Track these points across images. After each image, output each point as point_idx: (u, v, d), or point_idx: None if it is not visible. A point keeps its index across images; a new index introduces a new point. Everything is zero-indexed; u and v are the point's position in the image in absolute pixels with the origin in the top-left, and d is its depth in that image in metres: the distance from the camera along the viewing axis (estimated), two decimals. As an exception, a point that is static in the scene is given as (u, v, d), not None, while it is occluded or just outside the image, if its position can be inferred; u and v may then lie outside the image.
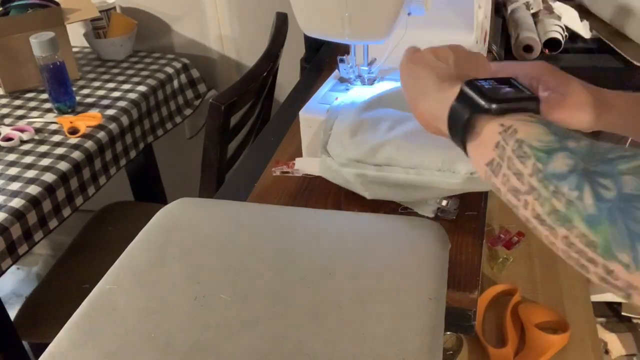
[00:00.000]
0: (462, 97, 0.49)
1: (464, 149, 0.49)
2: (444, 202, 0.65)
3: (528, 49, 1.17)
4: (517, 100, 0.46)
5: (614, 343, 1.41)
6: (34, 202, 1.10)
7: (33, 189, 1.11)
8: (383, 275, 0.51)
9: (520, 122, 0.44)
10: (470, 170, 0.58)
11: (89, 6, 1.52)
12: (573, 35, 1.25)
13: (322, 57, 1.09)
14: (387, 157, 0.62)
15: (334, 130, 0.66)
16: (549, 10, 1.28)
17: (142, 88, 1.48)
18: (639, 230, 0.35)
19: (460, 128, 0.48)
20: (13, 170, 1.16)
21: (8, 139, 1.25)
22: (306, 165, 0.71)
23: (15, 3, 1.45)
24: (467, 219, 0.65)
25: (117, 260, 0.55)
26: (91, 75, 1.56)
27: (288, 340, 0.45)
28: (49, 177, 1.14)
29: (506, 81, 0.50)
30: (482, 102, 0.46)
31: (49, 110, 1.38)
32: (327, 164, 0.65)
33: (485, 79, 0.49)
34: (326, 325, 0.46)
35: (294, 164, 0.72)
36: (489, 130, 0.45)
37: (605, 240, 0.36)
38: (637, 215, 0.35)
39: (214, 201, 0.65)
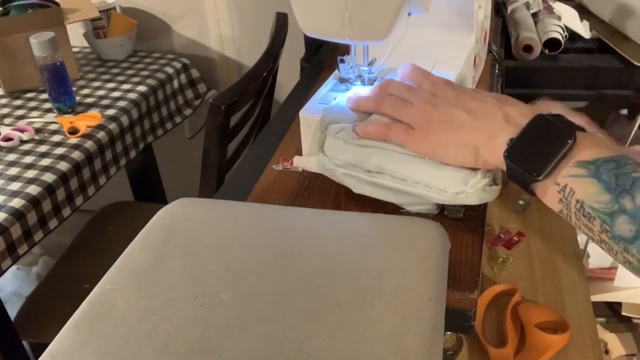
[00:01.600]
0: (510, 169, 0.52)
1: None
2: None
3: (528, 49, 1.17)
4: (557, 151, 0.48)
5: (614, 343, 1.41)
6: (34, 202, 1.10)
7: (33, 189, 1.11)
8: (383, 275, 0.51)
9: (572, 179, 0.47)
10: (456, 190, 0.58)
11: (89, 6, 1.52)
12: (573, 35, 1.25)
13: (322, 57, 1.08)
14: (377, 165, 0.62)
15: (329, 131, 0.66)
16: (549, 10, 1.28)
17: (142, 88, 1.48)
18: None
19: (525, 190, 0.52)
20: (13, 170, 1.16)
21: (8, 139, 1.25)
22: (304, 162, 0.71)
23: (15, 3, 1.45)
24: (467, 219, 0.65)
25: (117, 260, 0.55)
26: (91, 75, 1.56)
27: (288, 340, 0.45)
28: (49, 177, 1.14)
29: (538, 126, 0.51)
30: (529, 175, 0.50)
31: (49, 110, 1.38)
32: (324, 163, 0.66)
33: (518, 136, 0.51)
34: (326, 325, 0.47)
35: (292, 161, 0.72)
36: (549, 190, 0.50)
37: None
38: None
39: (214, 201, 0.65)
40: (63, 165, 1.18)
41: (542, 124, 0.51)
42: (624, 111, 1.54)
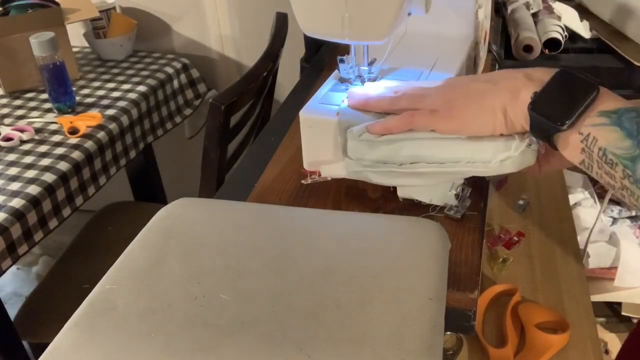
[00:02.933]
0: (534, 120, 0.53)
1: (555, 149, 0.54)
2: (459, 189, 0.65)
3: (528, 49, 1.17)
4: (581, 102, 0.50)
5: (614, 343, 1.41)
6: (34, 202, 1.10)
7: (33, 189, 1.11)
8: (383, 275, 0.51)
9: (595, 128, 0.49)
10: (501, 158, 0.58)
11: (89, 6, 1.52)
12: (573, 35, 1.25)
13: (322, 57, 1.08)
14: (410, 156, 0.61)
15: (349, 134, 0.65)
16: (549, 10, 1.28)
17: (142, 88, 1.48)
18: None
19: (548, 141, 0.53)
20: (13, 170, 1.16)
21: (8, 139, 1.25)
22: (332, 171, 0.69)
23: (15, 3, 1.45)
24: (467, 219, 0.65)
25: (117, 260, 0.55)
26: (91, 75, 1.56)
27: (288, 340, 0.45)
28: (49, 177, 1.14)
29: (563, 79, 0.52)
30: (553, 124, 0.51)
31: (49, 110, 1.38)
32: (351, 166, 0.65)
33: (543, 88, 0.52)
34: (326, 325, 0.46)
35: (319, 172, 0.70)
36: (572, 140, 0.51)
37: None
38: None
39: (214, 201, 0.65)
40: (63, 165, 1.18)
41: (566, 76, 0.52)
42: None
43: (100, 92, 1.46)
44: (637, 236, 1.42)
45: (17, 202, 1.08)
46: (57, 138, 1.26)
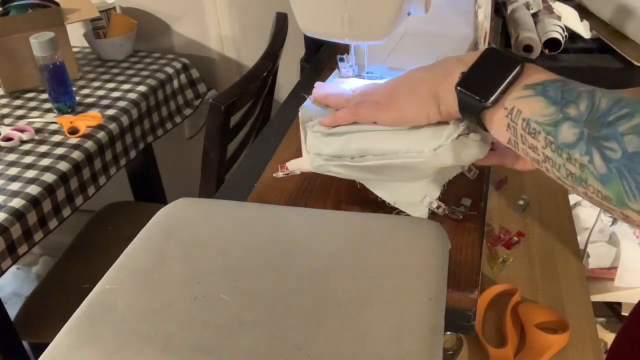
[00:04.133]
0: (461, 98, 0.52)
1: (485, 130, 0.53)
2: (434, 204, 0.65)
3: (528, 49, 1.17)
4: (505, 77, 0.49)
5: (614, 343, 1.41)
6: (34, 202, 1.10)
7: (33, 189, 1.11)
8: (383, 275, 0.51)
9: (520, 101, 0.48)
10: (433, 147, 0.57)
11: (89, 6, 1.52)
12: (573, 35, 1.25)
13: (322, 57, 1.09)
14: (358, 149, 0.62)
15: (307, 129, 0.66)
16: (549, 10, 1.28)
17: (142, 88, 1.48)
18: None
19: (476, 120, 0.52)
20: (13, 170, 1.16)
21: (8, 139, 1.25)
22: (298, 165, 0.70)
23: (15, 3, 1.45)
24: (467, 219, 0.65)
25: (117, 260, 0.55)
26: (91, 75, 1.56)
27: (288, 340, 0.45)
28: (49, 177, 1.14)
29: (488, 56, 0.52)
30: (479, 100, 0.50)
31: (49, 110, 1.38)
32: (315, 161, 0.65)
33: (472, 66, 0.52)
34: (326, 325, 0.47)
35: (284, 166, 0.71)
36: (498, 116, 0.50)
37: (618, 194, 0.41)
38: None
39: (214, 201, 0.65)
40: (63, 165, 1.18)
41: (492, 54, 0.52)
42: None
43: (100, 92, 1.46)
44: (637, 236, 1.42)
45: (17, 202, 1.08)
46: (57, 138, 1.26)
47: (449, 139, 0.56)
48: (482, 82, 0.50)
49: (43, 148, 1.23)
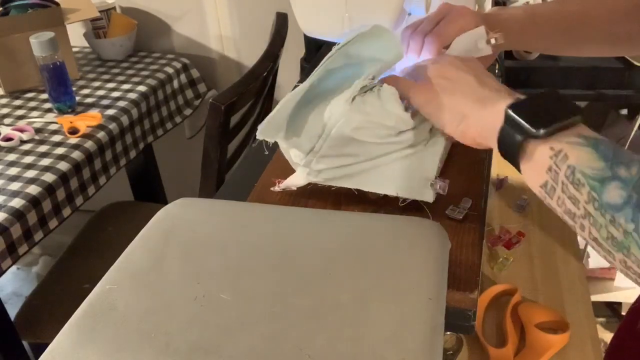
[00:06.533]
0: (509, 121, 0.49)
1: (518, 168, 0.50)
2: (437, 183, 0.64)
3: (528, 49, 1.17)
4: (563, 118, 0.47)
5: (614, 343, 1.41)
6: (34, 202, 1.10)
7: (33, 189, 1.11)
8: (383, 275, 0.51)
9: (570, 146, 0.45)
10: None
11: (89, 6, 1.52)
12: (573, 35, 1.25)
13: (322, 57, 1.08)
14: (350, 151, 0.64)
15: (286, 144, 0.67)
16: (549, 10, 1.28)
17: (142, 88, 1.48)
18: None
19: (512, 151, 0.49)
20: (13, 170, 1.16)
21: (8, 139, 1.25)
22: (292, 181, 0.70)
23: (15, 3, 1.45)
24: (467, 219, 0.65)
25: (117, 260, 0.55)
26: (91, 75, 1.56)
27: (288, 340, 0.45)
28: (49, 177, 1.14)
29: (549, 95, 0.50)
30: (529, 127, 0.47)
31: (49, 110, 1.38)
32: (304, 173, 0.66)
33: (527, 97, 0.50)
34: (326, 325, 0.47)
35: (280, 181, 0.71)
36: (541, 154, 0.46)
37: None
38: None
39: (214, 201, 0.65)
40: (63, 165, 1.18)
41: (554, 95, 0.49)
42: (624, 111, 1.54)
43: (100, 92, 1.46)
44: (637, 236, 1.42)
45: (17, 202, 1.08)
46: (57, 138, 1.26)
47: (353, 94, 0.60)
48: (537, 114, 0.47)
49: (43, 148, 1.23)
